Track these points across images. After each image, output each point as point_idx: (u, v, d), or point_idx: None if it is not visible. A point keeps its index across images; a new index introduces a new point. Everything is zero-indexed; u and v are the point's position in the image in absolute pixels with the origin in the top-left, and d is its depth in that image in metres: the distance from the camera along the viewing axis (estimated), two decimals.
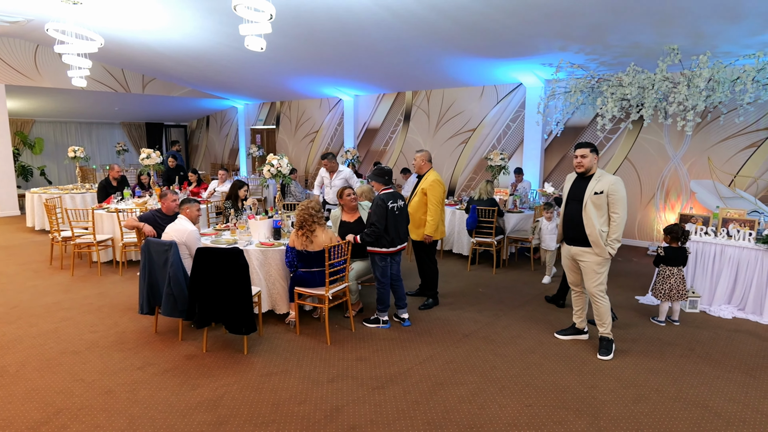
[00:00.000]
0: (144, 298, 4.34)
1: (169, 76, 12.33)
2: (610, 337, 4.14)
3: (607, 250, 3.94)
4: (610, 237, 3.95)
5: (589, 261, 4.04)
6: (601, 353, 4.08)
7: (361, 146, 12.18)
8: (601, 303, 4.09)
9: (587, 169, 4.02)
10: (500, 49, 7.35)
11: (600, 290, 4.06)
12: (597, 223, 3.92)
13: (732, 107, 6.90)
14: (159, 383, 3.61)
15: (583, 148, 4.02)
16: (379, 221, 4.45)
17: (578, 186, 4.08)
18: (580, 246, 4.07)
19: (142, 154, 8.00)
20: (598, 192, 3.92)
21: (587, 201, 3.96)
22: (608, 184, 3.91)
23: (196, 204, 4.73)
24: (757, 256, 4.97)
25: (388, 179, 4.65)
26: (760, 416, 3.25)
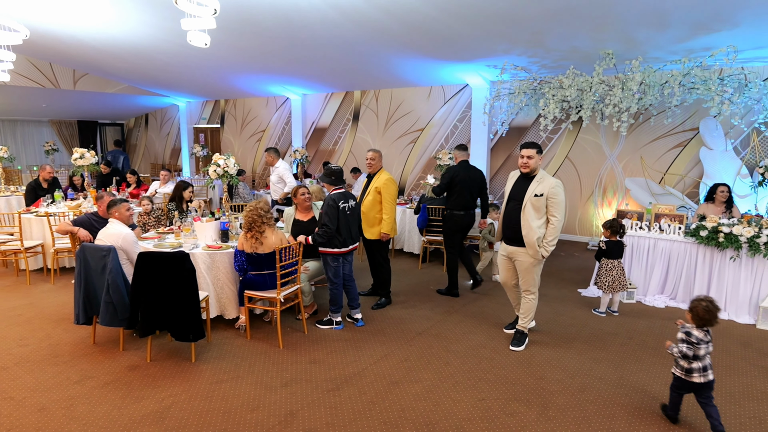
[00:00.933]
0: (80, 307, 4.08)
1: (103, 72, 11.66)
2: (525, 331, 4.30)
3: (541, 252, 3.99)
4: (546, 239, 3.98)
5: (523, 261, 4.10)
6: (513, 344, 4.24)
7: (309, 146, 12.04)
8: (530, 299, 4.21)
9: (532, 170, 4.04)
10: (446, 51, 7.48)
11: (532, 288, 4.18)
12: (534, 224, 3.95)
13: (661, 109, 7.35)
14: (99, 397, 3.40)
15: (530, 148, 4.01)
16: (331, 222, 4.41)
17: (520, 186, 4.10)
18: (515, 246, 4.11)
19: (74, 154, 7.53)
20: (539, 194, 3.95)
21: (527, 202, 3.98)
22: (549, 187, 3.94)
23: (125, 204, 4.48)
24: (686, 249, 5.32)
25: (336, 179, 4.60)
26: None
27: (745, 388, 3.63)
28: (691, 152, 7.50)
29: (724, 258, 5.08)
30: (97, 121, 16.19)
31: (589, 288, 5.85)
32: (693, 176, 7.52)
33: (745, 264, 4.99)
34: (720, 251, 5.09)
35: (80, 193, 8.04)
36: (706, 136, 7.10)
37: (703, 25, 5.61)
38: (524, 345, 4.25)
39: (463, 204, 5.57)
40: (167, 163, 15.53)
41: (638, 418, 3.22)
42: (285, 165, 6.90)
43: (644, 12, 5.45)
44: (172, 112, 15.21)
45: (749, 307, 4.98)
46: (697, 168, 7.44)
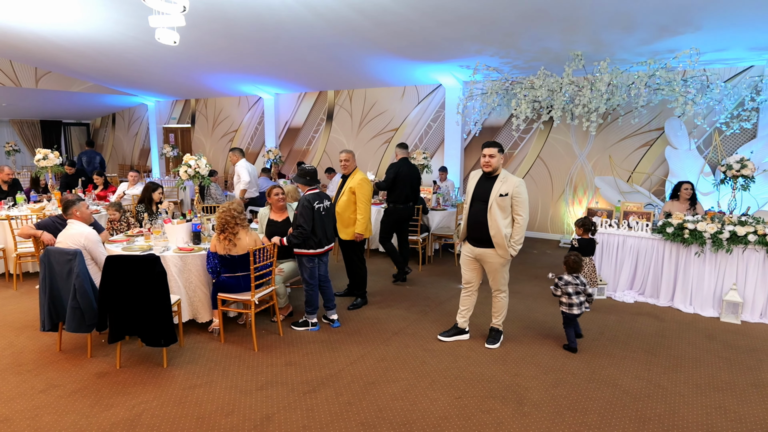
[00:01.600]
0: (45, 313, 3.93)
1: (67, 70, 11.28)
2: (500, 329, 4.32)
3: (510, 252, 3.99)
4: (513, 238, 3.99)
5: (492, 262, 4.07)
6: (489, 342, 4.27)
7: (283, 146, 11.92)
8: (501, 297, 4.23)
9: (494, 169, 4.00)
10: (420, 51, 7.51)
11: (503, 287, 4.19)
12: (501, 224, 3.93)
13: (628, 109, 7.56)
14: (65, 406, 3.29)
15: (492, 147, 3.98)
16: (306, 222, 4.36)
17: (483, 186, 4.05)
18: (484, 247, 4.07)
19: (37, 155, 7.26)
20: (503, 194, 3.92)
21: (492, 202, 3.94)
22: (513, 187, 3.93)
23: (83, 202, 4.32)
24: (653, 245, 5.48)
25: (310, 179, 4.55)
26: (661, 390, 3.58)
27: (711, 379, 3.75)
28: (657, 151, 7.73)
29: (690, 254, 5.24)
30: (62, 120, 15.68)
31: None
32: (659, 174, 7.75)
33: (709, 259, 5.16)
34: (685, 247, 5.26)
35: (44, 195, 7.77)
36: (671, 135, 7.33)
37: (667, 27, 5.79)
38: (499, 342, 4.28)
39: (405, 197, 5.99)
40: (136, 164, 15.15)
41: (610, 411, 3.29)
42: (244, 163, 7.35)
43: (611, 15, 5.59)
44: (141, 112, 14.84)
45: (713, 300, 5.16)
46: (662, 166, 7.67)
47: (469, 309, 4.39)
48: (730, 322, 4.93)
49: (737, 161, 5.97)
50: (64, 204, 4.33)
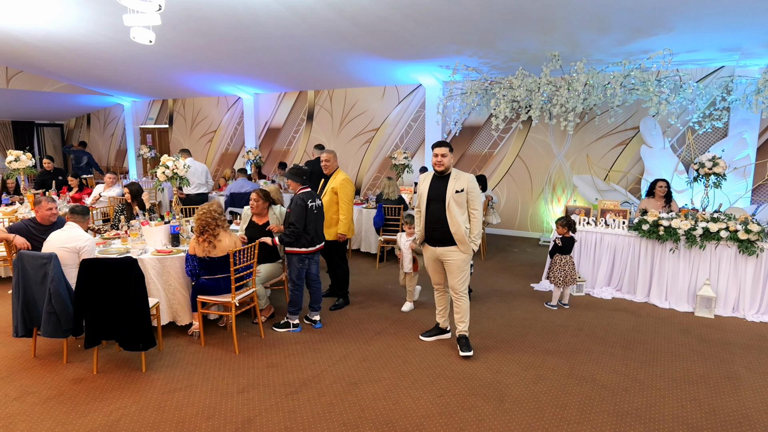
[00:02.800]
0: (19, 319, 3.83)
1: (39, 70, 11.00)
2: (467, 334, 4.17)
3: (471, 247, 4.01)
4: (473, 233, 4.01)
5: (455, 259, 4.03)
6: (464, 350, 4.07)
7: (263, 146, 11.82)
8: (463, 301, 4.11)
9: (446, 168, 4.03)
10: (399, 51, 7.53)
11: (464, 288, 4.09)
12: (460, 220, 3.95)
13: (605, 109, 7.69)
14: (41, 413, 3.21)
15: (443, 147, 4.00)
16: (299, 221, 4.36)
17: (437, 186, 4.05)
18: (445, 246, 4.04)
19: (9, 157, 7.07)
20: (459, 190, 3.95)
21: (450, 200, 3.95)
22: (467, 182, 3.98)
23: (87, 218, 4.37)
24: (630, 242, 5.59)
25: (306, 179, 4.56)
26: (638, 384, 3.66)
27: (686, 373, 3.84)
28: (633, 150, 7.88)
29: (665, 250, 5.36)
30: (34, 121, 15.27)
31: (542, 282, 6.05)
32: (635, 173, 7.91)
33: (683, 255, 5.29)
34: (660, 244, 5.38)
35: (16, 197, 7.57)
36: (646, 134, 7.49)
37: (641, 29, 5.91)
38: (472, 347, 4.13)
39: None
40: (112, 165, 14.85)
41: (588, 406, 3.35)
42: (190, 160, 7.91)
43: (587, 16, 5.69)
44: (117, 112, 14.56)
45: (688, 295, 5.29)
46: (638, 165, 7.83)
47: (446, 308, 4.40)
48: (704, 317, 5.06)
49: (709, 159, 6.13)
50: (72, 208, 4.33)
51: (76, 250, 3.97)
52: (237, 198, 7.96)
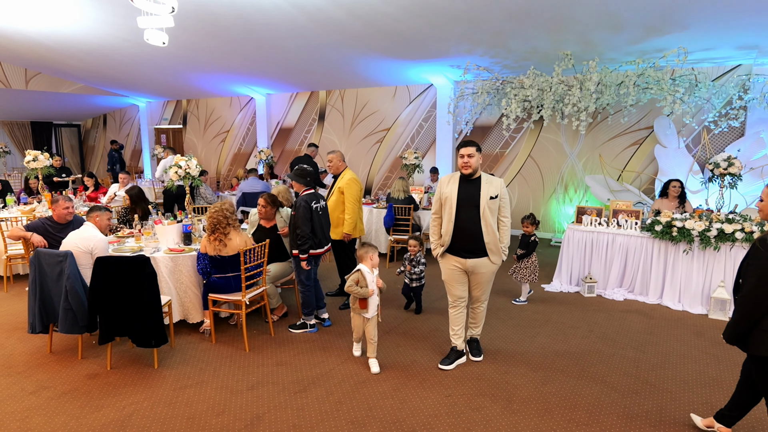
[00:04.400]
0: (35, 315, 3.92)
1: (57, 71, 11.21)
2: (479, 338, 4.11)
3: (502, 257, 3.75)
4: (503, 242, 3.72)
5: (486, 272, 3.75)
6: (475, 354, 4.01)
7: (275, 146, 11.90)
8: (483, 308, 3.97)
9: (474, 171, 3.65)
10: (410, 51, 7.53)
11: (486, 299, 3.93)
12: (494, 229, 3.66)
13: (618, 109, 7.61)
14: (56, 408, 3.28)
15: (470, 146, 3.61)
16: (305, 223, 4.35)
17: (467, 190, 3.67)
18: (477, 257, 3.70)
19: (27, 157, 7.22)
20: (494, 196, 3.63)
21: (485, 207, 3.61)
22: (500, 187, 3.68)
23: (108, 213, 4.40)
24: (642, 243, 5.53)
25: (310, 180, 4.55)
26: (649, 387, 3.62)
27: (698, 376, 3.80)
28: (647, 150, 7.79)
29: (678, 251, 5.30)
30: (52, 122, 15.56)
31: (552, 283, 6.01)
32: (648, 173, 7.81)
33: (697, 257, 5.22)
34: (674, 245, 5.31)
35: (34, 197, 7.73)
36: (660, 134, 7.39)
37: (655, 27, 5.84)
38: (482, 351, 4.08)
39: None
40: (128, 165, 15.07)
41: (598, 408, 3.33)
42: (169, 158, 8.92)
43: (599, 15, 5.63)
44: (132, 113, 14.77)
45: (702, 298, 5.22)
46: (652, 165, 7.74)
47: (463, 327, 3.97)
48: (718, 319, 4.99)
49: (724, 159, 6.03)
50: (92, 207, 4.41)
51: (88, 249, 4.04)
52: (249, 197, 8.04)
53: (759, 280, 2.49)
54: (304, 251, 4.38)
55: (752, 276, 2.52)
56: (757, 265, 2.51)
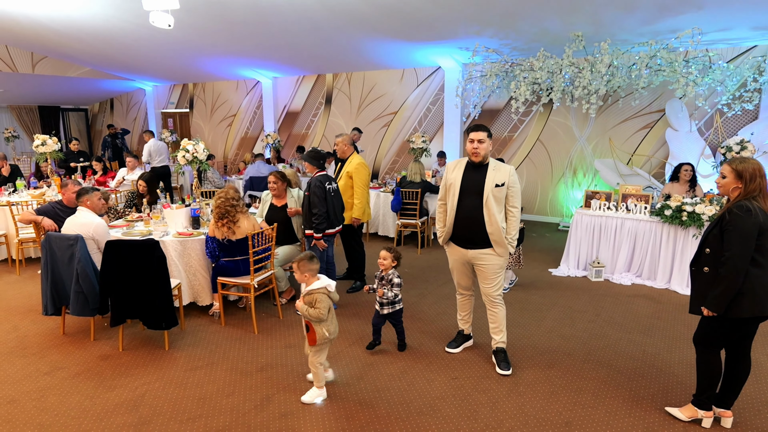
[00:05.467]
0: (48, 298, 3.98)
1: (63, 55, 11.20)
2: (505, 347, 3.71)
3: (509, 249, 3.50)
4: (510, 234, 3.47)
5: (490, 264, 3.52)
6: (502, 368, 3.58)
7: (282, 130, 11.88)
8: (498, 308, 3.63)
9: (484, 157, 3.46)
10: (418, 32, 7.43)
11: (499, 294, 3.62)
12: (499, 219, 3.43)
13: (629, 91, 7.50)
14: (70, 387, 3.35)
15: (480, 131, 3.41)
16: (321, 203, 4.42)
17: (472, 177, 3.48)
18: (478, 248, 3.51)
19: (36, 141, 7.25)
20: (500, 184, 3.41)
21: (489, 195, 3.41)
22: (508, 175, 3.45)
23: (97, 192, 4.35)
24: (651, 228, 5.49)
25: (322, 163, 4.61)
26: (655, 371, 3.63)
27: None
28: (658, 133, 7.69)
29: (687, 236, 5.26)
30: (60, 106, 15.59)
31: (560, 267, 6.00)
32: (659, 157, 7.73)
33: None
34: (683, 229, 5.27)
35: (44, 181, 7.79)
36: (672, 117, 7.29)
37: (669, 7, 5.72)
38: (511, 364, 3.63)
39: None
40: (135, 149, 15.11)
41: (604, 391, 3.34)
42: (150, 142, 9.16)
43: None
44: (139, 97, 14.76)
45: None
46: (663, 149, 7.64)
47: (470, 313, 3.93)
48: None
49: (737, 143, 5.95)
50: (79, 191, 4.36)
51: (89, 236, 4.05)
52: (256, 181, 8.06)
53: (742, 244, 2.60)
54: (319, 230, 4.43)
55: (735, 242, 2.61)
56: (737, 230, 2.60)
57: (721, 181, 2.79)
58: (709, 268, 2.76)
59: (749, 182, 2.67)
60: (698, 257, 2.84)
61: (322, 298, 3.07)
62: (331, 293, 3.15)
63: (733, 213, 2.64)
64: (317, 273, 3.20)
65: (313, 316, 3.06)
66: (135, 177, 7.85)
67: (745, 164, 2.69)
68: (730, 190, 2.74)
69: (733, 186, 2.73)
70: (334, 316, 3.23)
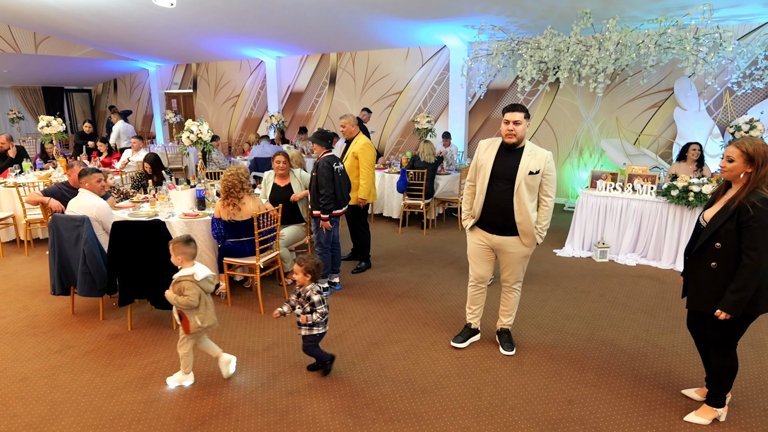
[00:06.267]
0: (56, 278, 4.03)
1: (65, 35, 11.12)
2: (510, 329, 3.72)
3: (537, 239, 3.35)
4: (541, 224, 3.31)
5: (515, 252, 3.37)
6: (506, 348, 3.59)
7: (286, 110, 11.81)
8: (515, 294, 3.59)
9: (519, 140, 3.21)
10: (422, 10, 7.31)
11: (519, 282, 3.56)
12: (530, 208, 3.24)
13: (637, 70, 7.38)
14: (81, 366, 3.42)
15: (517, 111, 3.14)
16: (329, 184, 4.42)
17: (505, 161, 3.25)
18: (505, 235, 3.34)
19: (40, 122, 7.25)
20: (534, 171, 3.19)
21: (521, 182, 3.20)
22: (544, 162, 3.22)
23: (96, 174, 4.34)
24: (657, 208, 5.47)
25: (330, 143, 4.60)
26: (658, 350, 3.65)
27: None
28: (666, 113, 7.59)
29: (693, 216, 5.23)
30: (63, 87, 15.55)
31: (564, 248, 6.00)
32: (666, 137, 7.64)
33: None
34: (689, 210, 5.24)
35: (50, 163, 7.81)
36: (681, 96, 7.18)
37: None
38: (515, 344, 3.66)
39: None
40: (139, 130, 15.10)
41: (607, 370, 3.37)
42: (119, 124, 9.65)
43: None
44: (142, 77, 14.68)
45: None
46: (671, 129, 7.56)
47: (482, 307, 3.72)
48: None
49: (746, 122, 5.87)
50: (79, 172, 4.36)
51: (92, 218, 4.07)
52: (260, 162, 8.05)
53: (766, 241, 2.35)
54: (327, 211, 4.44)
55: (761, 240, 2.35)
56: (764, 228, 2.34)
57: (727, 165, 2.48)
58: (717, 264, 2.50)
59: (761, 166, 2.36)
60: (703, 249, 2.56)
61: (189, 286, 3.00)
62: (199, 282, 3.02)
63: (757, 208, 2.33)
64: (194, 258, 3.10)
65: (182, 304, 3.00)
66: (140, 158, 7.86)
67: (756, 145, 2.38)
68: (739, 176, 2.45)
69: (742, 170, 2.43)
70: (211, 305, 3.14)
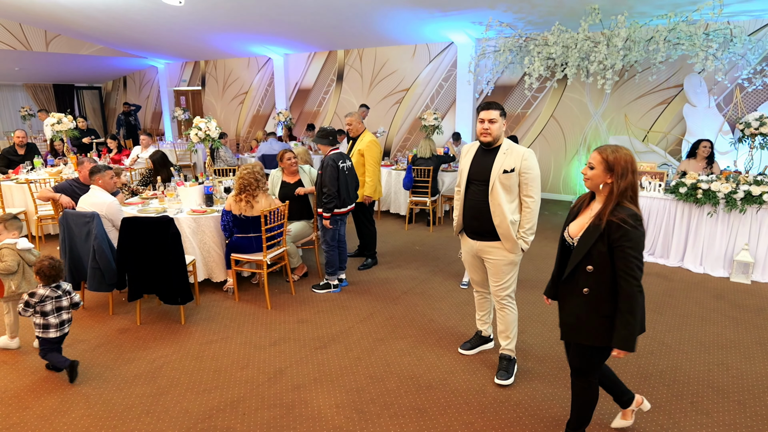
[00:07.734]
0: (67, 273, 4.09)
1: (75, 33, 11.22)
2: (512, 355, 3.30)
3: (520, 245, 3.10)
4: (524, 228, 3.08)
5: (497, 259, 3.14)
6: (499, 376, 3.21)
7: (293, 107, 11.85)
8: (507, 311, 3.24)
9: (495, 139, 3.04)
10: (430, 4, 7.27)
11: (508, 295, 3.23)
12: (507, 209, 3.03)
13: (646, 66, 7.33)
14: (90, 359, 3.47)
15: (492, 109, 3.00)
16: (332, 182, 4.41)
17: (481, 162, 3.10)
18: (485, 240, 3.15)
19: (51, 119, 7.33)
20: (508, 170, 3.00)
21: (494, 182, 3.01)
22: (520, 159, 3.00)
23: (109, 171, 4.39)
24: (665, 205, 5.43)
25: (333, 139, 4.58)
26: (665, 348, 3.64)
27: (715, 337, 3.80)
28: (675, 109, 7.53)
29: (702, 214, 5.20)
30: (74, 84, 15.69)
31: None
32: (676, 134, 7.58)
33: (721, 219, 5.11)
34: (698, 207, 5.21)
35: (60, 159, 7.90)
36: (690, 92, 7.12)
37: None
38: (513, 375, 3.25)
39: None
40: (148, 127, 15.21)
41: (613, 367, 3.35)
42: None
43: None
44: (151, 75, 14.78)
45: (724, 261, 5.15)
46: (680, 125, 7.49)
47: (489, 313, 3.55)
48: (740, 282, 4.93)
49: (756, 119, 5.80)
50: (91, 169, 4.41)
51: (102, 214, 4.12)
52: (268, 159, 8.08)
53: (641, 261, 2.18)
54: (328, 210, 4.45)
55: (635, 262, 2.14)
56: (637, 248, 2.15)
57: (588, 173, 2.25)
58: (589, 290, 2.27)
59: (621, 177, 2.16)
60: (574, 274, 2.31)
61: (8, 253, 3.41)
62: (21, 251, 3.45)
63: (627, 226, 2.11)
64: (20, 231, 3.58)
65: (1, 269, 3.38)
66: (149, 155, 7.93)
67: (618, 154, 2.17)
68: (599, 186, 2.23)
69: (601, 180, 2.21)
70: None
